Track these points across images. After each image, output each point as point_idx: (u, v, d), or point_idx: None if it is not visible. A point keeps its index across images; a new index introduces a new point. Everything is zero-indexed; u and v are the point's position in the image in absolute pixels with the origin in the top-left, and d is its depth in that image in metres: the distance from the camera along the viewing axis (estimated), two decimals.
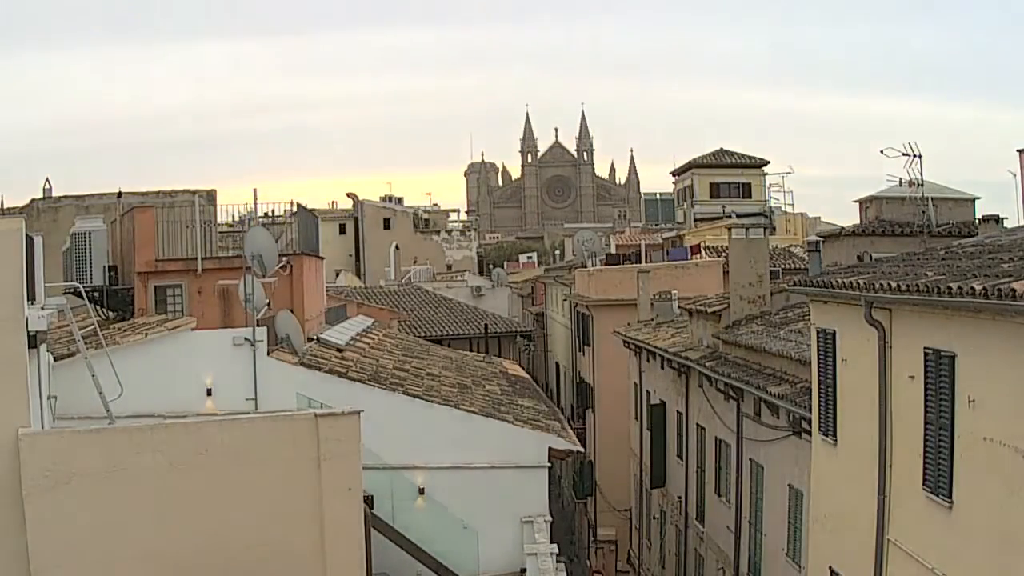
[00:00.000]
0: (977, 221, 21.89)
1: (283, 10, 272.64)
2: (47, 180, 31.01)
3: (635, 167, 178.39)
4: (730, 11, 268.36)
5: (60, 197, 28.85)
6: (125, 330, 17.86)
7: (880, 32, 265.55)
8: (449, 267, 72.80)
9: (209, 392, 16.56)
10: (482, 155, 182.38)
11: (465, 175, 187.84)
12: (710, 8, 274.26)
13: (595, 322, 35.29)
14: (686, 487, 24.64)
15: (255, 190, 27.13)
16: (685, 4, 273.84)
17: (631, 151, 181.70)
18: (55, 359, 14.32)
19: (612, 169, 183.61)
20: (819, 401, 14.59)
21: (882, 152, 22.79)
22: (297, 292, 20.61)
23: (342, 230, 74.44)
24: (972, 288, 9.59)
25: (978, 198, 24.60)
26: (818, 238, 24.57)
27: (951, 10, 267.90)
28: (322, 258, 26.13)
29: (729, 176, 61.56)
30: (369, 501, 14.23)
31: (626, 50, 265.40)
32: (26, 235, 10.80)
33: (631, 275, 34.77)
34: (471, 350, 37.52)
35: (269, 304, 18.50)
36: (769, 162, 62.73)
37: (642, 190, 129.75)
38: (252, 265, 17.60)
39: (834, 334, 13.95)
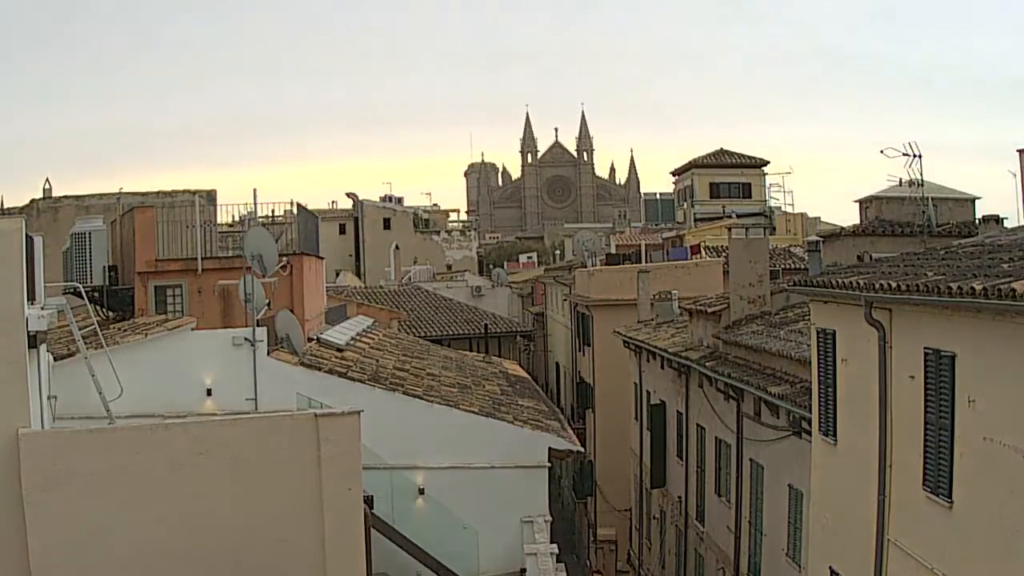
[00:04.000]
0: (977, 221, 21.87)
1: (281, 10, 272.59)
2: (47, 180, 31.08)
3: (635, 167, 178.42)
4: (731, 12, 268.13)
5: (60, 197, 28.89)
6: (125, 330, 17.87)
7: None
8: (449, 267, 72.80)
9: (209, 392, 16.57)
10: (482, 155, 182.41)
11: (465, 175, 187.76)
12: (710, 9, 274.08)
13: (595, 322, 35.28)
14: (686, 487, 24.64)
15: (255, 190, 27.14)
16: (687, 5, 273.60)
17: (631, 151, 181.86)
18: (55, 359, 14.32)
19: (612, 169, 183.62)
20: (819, 401, 14.58)
21: (882, 152, 22.79)
22: (297, 292, 20.62)
23: (342, 230, 74.48)
24: (972, 288, 9.59)
25: (978, 198, 24.58)
26: (818, 238, 24.55)
27: None
28: (322, 258, 26.13)
29: (729, 176, 61.59)
30: (369, 501, 14.22)
31: (627, 50, 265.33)
32: (26, 235, 10.80)
33: (631, 275, 34.77)
34: (471, 350, 37.52)
35: (269, 304, 18.51)
36: (769, 162, 62.81)
37: (642, 190, 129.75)
38: (252, 265, 17.60)
39: (834, 334, 13.95)
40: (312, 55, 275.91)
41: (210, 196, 25.75)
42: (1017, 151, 19.71)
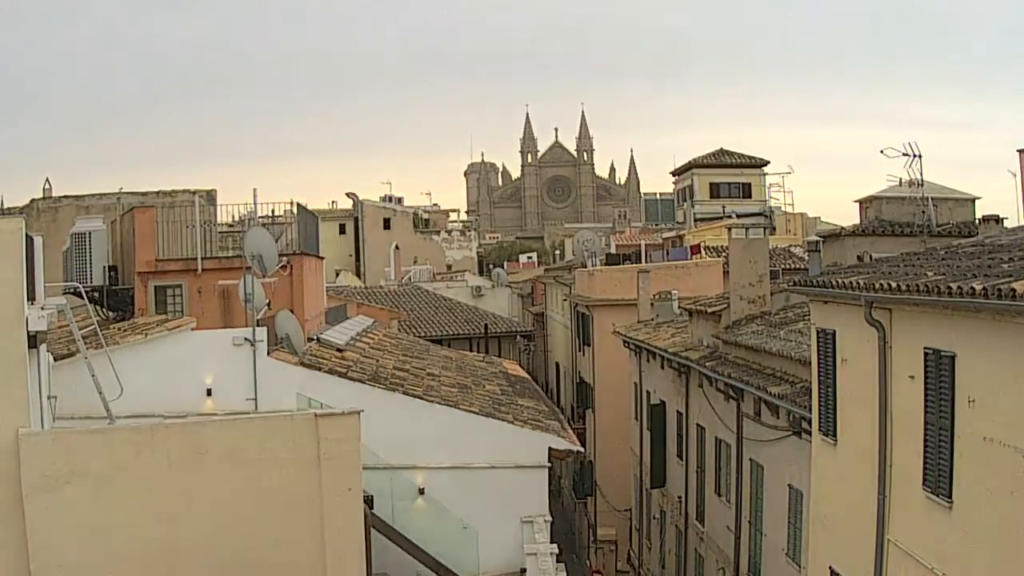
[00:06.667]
0: (977, 221, 21.87)
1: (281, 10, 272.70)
2: (47, 180, 31.09)
3: (635, 167, 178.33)
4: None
5: (60, 197, 28.89)
6: (125, 330, 17.87)
7: None
8: (449, 267, 72.84)
9: (209, 392, 16.58)
10: (482, 155, 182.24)
11: (465, 175, 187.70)
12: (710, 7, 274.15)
13: (595, 322, 35.29)
14: (686, 487, 24.64)
15: (255, 190, 27.02)
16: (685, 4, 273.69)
17: (631, 151, 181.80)
18: (55, 359, 14.32)
19: (612, 169, 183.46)
20: (819, 401, 14.59)
21: (882, 152, 22.82)
22: (297, 292, 20.61)
23: (342, 230, 74.52)
24: (972, 288, 9.59)
25: (978, 198, 24.59)
26: (818, 238, 24.55)
27: None
28: (322, 258, 26.13)
29: (729, 176, 61.54)
30: (369, 501, 14.24)
31: (627, 50, 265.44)
32: (26, 235, 10.81)
33: (631, 275, 34.77)
34: (471, 350, 37.55)
35: (269, 304, 18.50)
36: (769, 162, 62.77)
37: (642, 190, 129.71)
38: (252, 265, 17.59)
39: (834, 334, 13.95)
40: (311, 55, 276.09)
41: (210, 196, 25.75)
42: (1017, 151, 19.74)
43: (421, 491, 16.90)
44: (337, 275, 60.12)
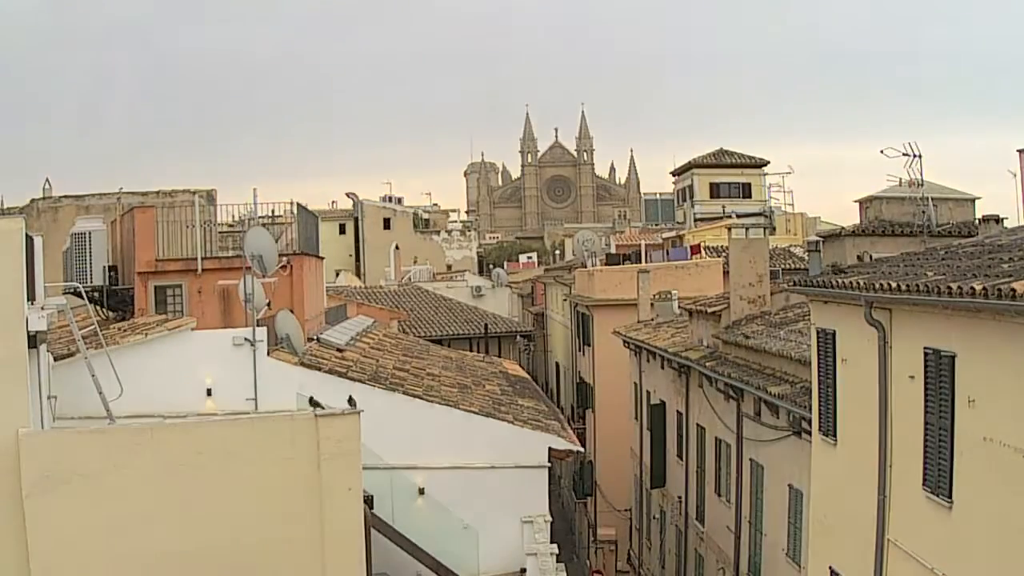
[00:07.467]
0: (977, 221, 21.86)
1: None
2: (47, 180, 31.08)
3: (635, 167, 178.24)
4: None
5: (60, 197, 28.89)
6: (125, 330, 17.87)
7: None
8: (449, 267, 72.89)
9: (209, 392, 16.57)
10: (482, 155, 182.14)
11: (465, 175, 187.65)
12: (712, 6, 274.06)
13: (595, 322, 35.30)
14: (686, 487, 24.65)
15: (255, 190, 27.01)
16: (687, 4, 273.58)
17: (631, 151, 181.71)
18: (55, 359, 14.32)
19: (612, 169, 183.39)
20: (819, 401, 14.59)
21: (882, 152, 22.82)
22: (297, 292, 20.62)
23: (342, 230, 74.56)
24: (972, 288, 9.59)
25: (978, 198, 24.57)
26: (818, 238, 24.55)
27: None
28: (322, 258, 26.14)
29: (729, 176, 61.67)
30: (369, 501, 14.23)
31: (627, 50, 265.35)
32: (26, 235, 10.81)
33: (631, 275, 34.78)
34: (471, 350, 37.55)
35: (269, 304, 18.51)
36: (769, 162, 62.84)
37: (642, 190, 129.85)
38: (252, 265, 17.59)
39: (834, 334, 13.95)
40: (312, 55, 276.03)
41: (210, 196, 25.76)
42: (1017, 151, 19.75)
43: (421, 491, 16.91)
44: (337, 275, 60.13)
